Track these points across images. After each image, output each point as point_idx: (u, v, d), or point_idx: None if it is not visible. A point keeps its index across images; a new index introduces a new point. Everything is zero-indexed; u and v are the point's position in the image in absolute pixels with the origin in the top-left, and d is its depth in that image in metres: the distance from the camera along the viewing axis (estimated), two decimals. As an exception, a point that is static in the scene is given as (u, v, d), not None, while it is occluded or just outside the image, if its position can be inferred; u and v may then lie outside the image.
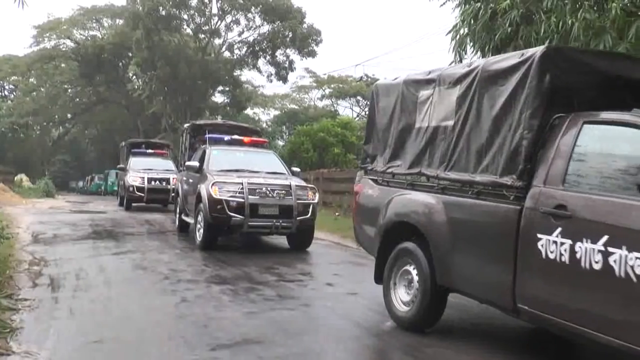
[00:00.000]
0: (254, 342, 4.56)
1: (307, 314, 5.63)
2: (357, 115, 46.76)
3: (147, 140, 26.94)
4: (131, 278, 7.14)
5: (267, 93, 48.55)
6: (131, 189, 18.67)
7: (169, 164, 20.73)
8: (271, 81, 38.23)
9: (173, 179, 17.28)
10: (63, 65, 42.64)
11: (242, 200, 9.10)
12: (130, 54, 37.50)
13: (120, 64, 41.14)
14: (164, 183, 18.72)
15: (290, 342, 4.61)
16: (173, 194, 15.10)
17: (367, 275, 8.08)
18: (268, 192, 9.30)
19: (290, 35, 34.99)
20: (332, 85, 47.73)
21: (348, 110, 48.63)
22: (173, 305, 5.71)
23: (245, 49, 37.30)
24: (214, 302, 5.87)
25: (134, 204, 19.11)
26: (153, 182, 18.73)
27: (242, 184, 9.27)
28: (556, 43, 6.24)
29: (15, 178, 30.59)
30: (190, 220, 10.88)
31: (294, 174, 10.90)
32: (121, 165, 22.35)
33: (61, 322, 4.98)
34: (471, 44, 7.62)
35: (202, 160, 10.79)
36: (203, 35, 36.80)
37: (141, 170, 19.26)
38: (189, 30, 36.68)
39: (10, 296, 5.74)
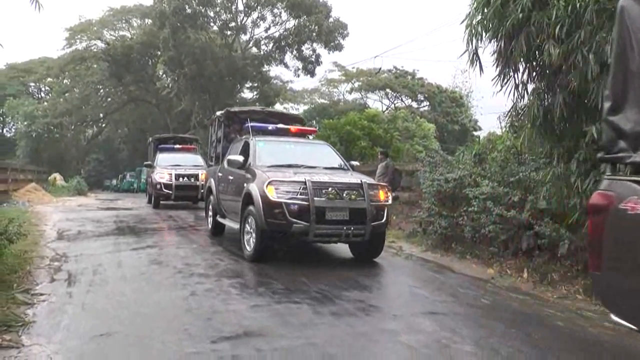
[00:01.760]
0: (255, 335, 4.58)
1: (314, 307, 5.53)
2: (387, 108, 46.61)
3: (174, 135, 26.02)
4: (146, 273, 7.21)
5: (296, 88, 48.87)
6: (158, 186, 18.19)
7: (198, 159, 19.99)
8: (298, 76, 38.51)
9: (202, 174, 16.71)
10: (95, 66, 43.47)
11: (306, 203, 7.54)
12: (158, 53, 38.05)
13: (150, 62, 41.77)
14: (192, 179, 18.17)
15: (292, 335, 4.61)
16: (202, 191, 14.03)
17: (382, 269, 8.11)
18: (337, 193, 7.77)
19: (317, 30, 35.01)
20: (362, 78, 47.58)
21: (378, 103, 48.51)
22: (182, 299, 5.77)
23: (271, 44, 37.46)
24: (223, 296, 5.90)
25: (162, 202, 18.70)
26: (181, 179, 18.14)
27: (304, 182, 7.69)
28: (567, 28, 6.06)
29: (49, 177, 31.27)
30: (229, 223, 9.70)
31: (353, 169, 9.41)
32: (148, 162, 21.75)
33: (73, 317, 5.07)
34: (483, 32, 7.46)
35: (245, 153, 9.33)
36: (229, 32, 37.10)
37: (168, 166, 18.72)
38: (215, 28, 36.99)
39: (27, 291, 5.90)
